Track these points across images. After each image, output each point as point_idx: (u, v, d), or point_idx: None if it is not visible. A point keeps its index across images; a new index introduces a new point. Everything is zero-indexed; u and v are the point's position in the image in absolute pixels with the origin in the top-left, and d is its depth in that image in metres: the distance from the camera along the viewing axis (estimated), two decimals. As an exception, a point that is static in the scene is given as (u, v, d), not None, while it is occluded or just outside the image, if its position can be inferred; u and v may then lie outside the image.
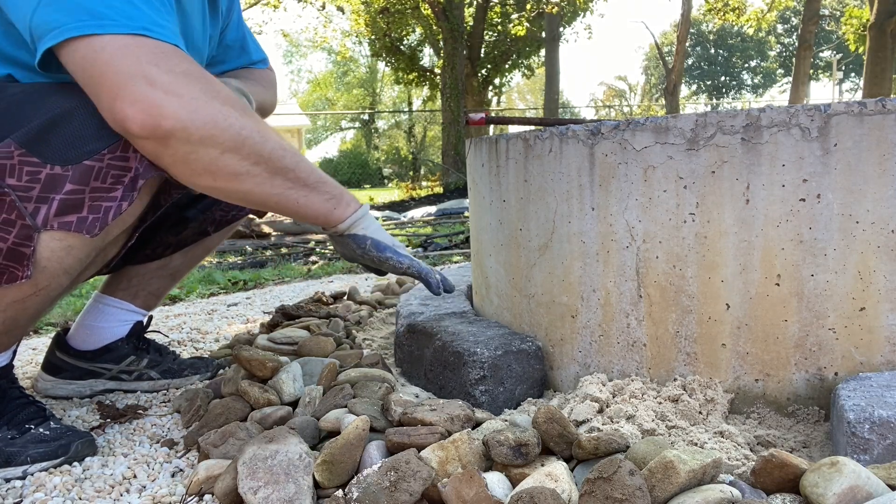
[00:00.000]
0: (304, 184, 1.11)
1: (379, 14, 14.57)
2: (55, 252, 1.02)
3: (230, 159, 1.01)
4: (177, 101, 0.95)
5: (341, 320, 1.86)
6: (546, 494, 0.80)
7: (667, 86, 18.26)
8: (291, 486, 0.92)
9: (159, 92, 0.94)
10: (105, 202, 1.03)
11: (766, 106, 1.09)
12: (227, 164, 1.01)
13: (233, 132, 1.00)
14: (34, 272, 1.02)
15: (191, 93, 0.96)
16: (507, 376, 1.25)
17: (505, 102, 37.84)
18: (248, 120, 1.03)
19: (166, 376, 1.56)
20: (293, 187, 1.09)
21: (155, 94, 0.94)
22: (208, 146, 0.98)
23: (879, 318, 1.08)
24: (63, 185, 0.99)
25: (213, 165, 1.01)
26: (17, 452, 1.11)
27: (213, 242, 1.59)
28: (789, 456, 0.83)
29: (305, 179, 1.11)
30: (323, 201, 1.14)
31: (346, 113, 33.72)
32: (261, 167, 1.04)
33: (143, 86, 0.94)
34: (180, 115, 0.95)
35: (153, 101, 0.94)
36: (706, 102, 40.45)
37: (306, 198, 1.12)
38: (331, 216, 1.17)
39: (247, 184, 1.05)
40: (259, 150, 1.03)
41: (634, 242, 1.17)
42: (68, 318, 2.34)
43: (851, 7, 20.24)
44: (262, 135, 1.03)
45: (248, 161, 1.03)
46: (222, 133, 0.99)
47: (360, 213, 1.20)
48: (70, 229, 1.01)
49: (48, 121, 0.99)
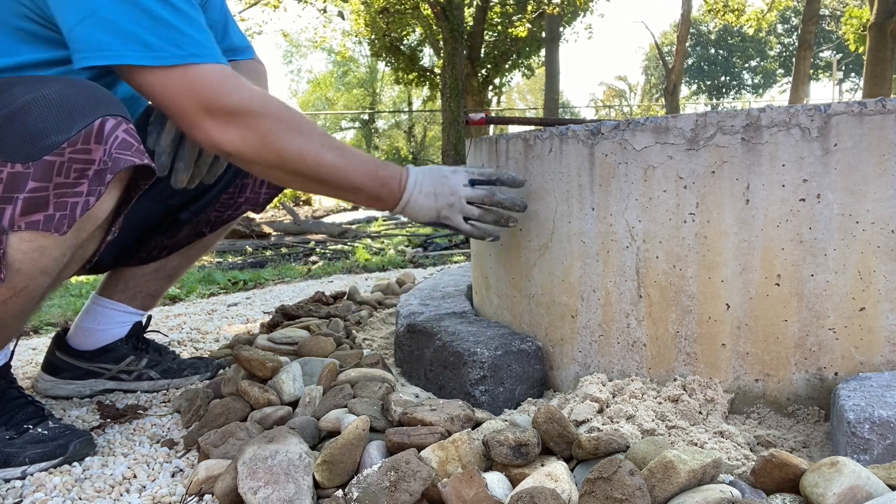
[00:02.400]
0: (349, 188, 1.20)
1: (379, 14, 14.56)
2: (27, 254, 1.00)
3: (306, 186, 1.20)
4: (242, 132, 1.09)
5: (341, 320, 1.86)
6: (546, 494, 0.80)
7: (667, 86, 18.25)
8: (291, 486, 0.92)
9: (222, 124, 1.08)
10: (71, 198, 0.99)
11: (766, 106, 1.09)
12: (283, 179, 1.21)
13: (303, 162, 1.14)
14: (8, 274, 0.99)
15: (257, 124, 1.10)
16: (507, 376, 1.25)
17: (505, 102, 37.83)
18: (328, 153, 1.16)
19: (166, 376, 1.56)
20: (355, 194, 1.21)
21: (217, 128, 1.09)
22: (273, 168, 1.15)
23: (879, 318, 1.08)
24: (25, 182, 0.96)
25: (279, 179, 1.22)
26: (16, 453, 1.11)
27: (210, 242, 1.59)
28: (789, 456, 0.83)
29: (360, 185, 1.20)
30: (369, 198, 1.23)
31: (346, 113, 33.71)
32: (326, 187, 1.19)
33: (208, 121, 1.08)
34: (248, 147, 1.10)
35: (217, 135, 1.09)
36: (706, 102, 40.45)
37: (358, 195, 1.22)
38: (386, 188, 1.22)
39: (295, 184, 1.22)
40: (316, 173, 1.16)
41: (634, 242, 1.17)
42: (68, 318, 2.34)
43: (851, 7, 20.24)
44: (336, 166, 1.16)
45: (314, 184, 1.19)
46: (287, 163, 1.14)
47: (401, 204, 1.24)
48: (38, 228, 0.98)
49: (5, 117, 0.96)
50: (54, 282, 1.14)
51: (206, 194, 1.47)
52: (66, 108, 0.98)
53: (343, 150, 1.18)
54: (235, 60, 1.47)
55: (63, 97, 0.99)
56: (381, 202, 1.23)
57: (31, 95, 0.98)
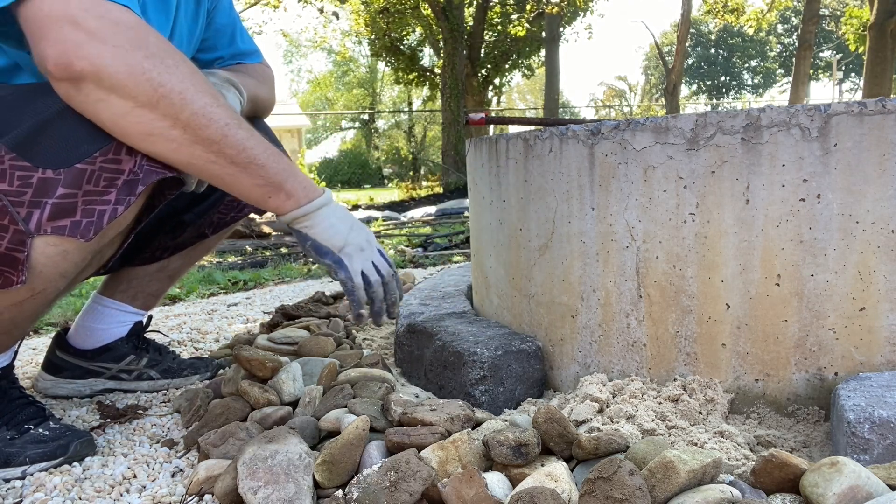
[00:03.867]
0: (231, 161, 1.02)
1: (379, 14, 14.56)
2: (50, 257, 1.01)
3: (143, 116, 0.96)
4: (96, 46, 0.92)
5: (341, 320, 1.86)
6: (546, 494, 0.80)
7: (667, 86, 18.25)
8: (291, 486, 0.92)
9: (81, 34, 0.91)
10: (99, 206, 1.01)
11: (766, 106, 1.09)
12: (140, 121, 0.96)
13: (149, 87, 0.95)
14: (29, 277, 1.01)
15: (115, 40, 0.93)
16: (507, 376, 1.25)
17: (505, 102, 37.84)
18: (173, 77, 0.97)
19: (166, 376, 1.56)
20: (216, 162, 1.02)
21: (76, 36, 0.91)
22: (120, 96, 0.94)
23: (879, 318, 1.08)
24: (55, 189, 0.97)
25: (124, 119, 0.96)
26: (16, 453, 1.11)
27: (212, 243, 1.59)
28: (789, 456, 0.83)
29: (234, 157, 1.02)
30: (253, 186, 1.06)
31: (346, 113, 33.72)
32: (177, 131, 0.98)
33: (67, 27, 0.91)
34: (95, 59, 0.92)
35: (73, 42, 0.91)
36: (706, 102, 40.45)
37: (232, 177, 1.04)
38: (266, 205, 1.09)
39: (160, 146, 0.99)
40: (176, 113, 0.97)
41: (634, 242, 1.17)
42: (68, 317, 2.34)
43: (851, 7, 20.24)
44: (183, 96, 0.97)
45: (162, 122, 0.97)
46: (137, 86, 0.94)
47: (307, 209, 1.10)
48: (64, 234, 0.99)
49: (38, 124, 0.98)
50: (69, 285, 1.15)
51: (209, 196, 1.47)
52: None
53: (244, 124, 1.04)
54: (243, 63, 1.48)
55: None
56: (281, 194, 1.08)
57: (62, 107, 0.98)
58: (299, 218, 1.11)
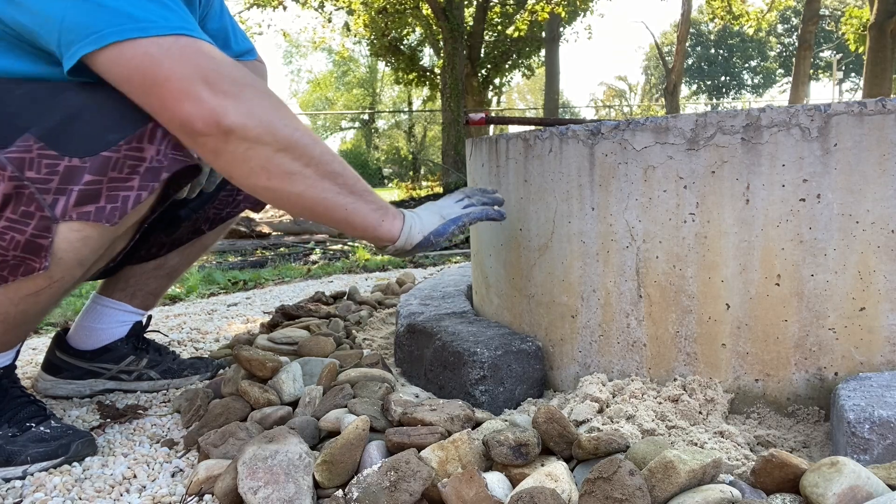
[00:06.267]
0: (351, 190, 1.13)
1: (379, 14, 14.56)
2: (72, 243, 1.05)
3: (283, 158, 1.05)
4: (234, 101, 1.00)
5: (341, 320, 1.86)
6: (546, 494, 0.80)
7: (667, 86, 18.24)
8: (291, 486, 0.92)
9: (220, 95, 0.99)
10: (123, 191, 1.06)
11: (766, 106, 1.09)
12: (281, 163, 1.05)
13: (286, 132, 1.04)
14: (51, 263, 1.05)
15: (247, 95, 1.01)
16: (507, 376, 1.25)
17: (505, 102, 37.82)
18: (298, 122, 1.07)
19: (166, 376, 1.56)
20: (341, 192, 1.11)
21: (217, 98, 0.99)
22: (264, 144, 1.03)
23: (879, 318, 1.08)
24: (81, 176, 1.02)
25: (268, 163, 1.04)
26: (18, 451, 1.11)
27: (209, 241, 1.59)
28: (789, 456, 0.83)
29: (352, 186, 1.13)
30: (370, 210, 1.16)
31: (346, 113, 33.70)
32: (311, 169, 1.07)
33: (207, 90, 0.99)
34: (239, 115, 1.00)
35: (217, 103, 0.99)
36: (706, 102, 40.45)
37: (354, 205, 1.13)
38: (379, 229, 1.18)
39: (298, 185, 1.07)
40: (310, 152, 1.07)
41: (634, 242, 1.17)
42: (68, 318, 2.34)
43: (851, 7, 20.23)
44: (311, 137, 1.08)
45: (299, 161, 1.06)
46: (277, 132, 1.03)
47: (409, 223, 1.21)
48: (89, 219, 1.04)
49: (65, 116, 1.02)
50: (78, 280, 1.17)
51: (204, 191, 1.48)
52: (120, 111, 1.04)
53: (342, 160, 1.15)
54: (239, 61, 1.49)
55: (116, 101, 1.03)
56: (389, 216, 1.19)
57: (89, 98, 1.04)
58: (411, 229, 1.20)
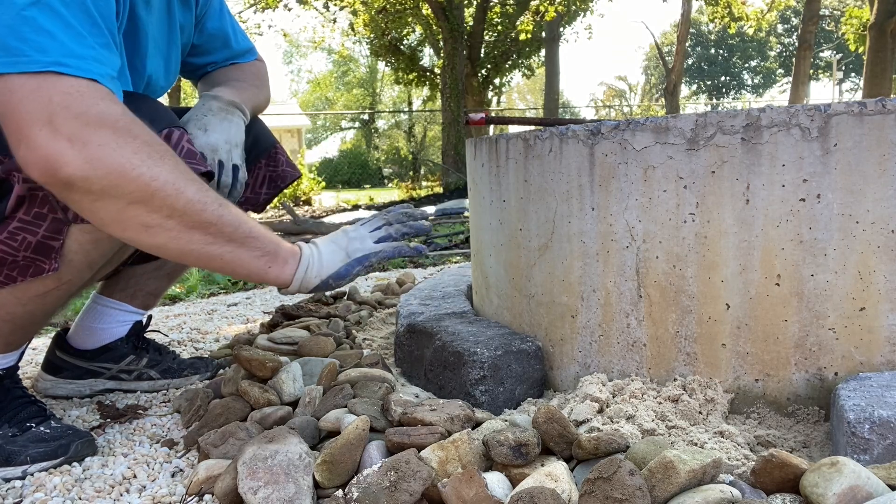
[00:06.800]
0: (230, 238, 1.04)
1: (378, 13, 14.55)
2: (83, 245, 1.05)
3: (137, 211, 0.96)
4: (79, 150, 0.90)
5: (341, 320, 1.86)
6: (546, 494, 0.80)
7: (667, 86, 18.24)
8: (291, 486, 0.92)
9: (62, 140, 0.89)
10: None
11: (766, 106, 1.09)
12: (135, 216, 0.96)
13: (140, 183, 0.94)
14: (61, 265, 1.05)
15: (98, 139, 0.91)
16: (507, 376, 1.25)
17: (505, 102, 37.82)
18: (164, 169, 0.97)
19: (166, 376, 1.56)
20: (215, 242, 1.02)
21: (56, 143, 0.89)
22: (112, 197, 0.93)
23: (879, 318, 1.08)
24: None
25: (120, 216, 0.96)
26: (18, 451, 1.11)
27: None
28: (789, 456, 0.83)
29: (231, 234, 1.04)
30: (253, 258, 1.08)
31: (346, 113, 33.71)
32: (174, 220, 0.98)
33: (46, 133, 0.89)
34: (80, 165, 0.90)
35: (54, 150, 0.89)
36: (706, 102, 40.45)
37: (232, 254, 1.05)
38: (267, 275, 1.10)
39: (159, 237, 0.99)
40: (172, 203, 0.97)
41: (634, 242, 1.17)
42: (68, 318, 2.34)
43: (851, 7, 20.23)
44: (176, 186, 0.97)
45: (158, 214, 0.97)
46: (128, 184, 0.93)
47: (304, 265, 1.14)
48: None
49: None
50: (86, 283, 1.18)
51: None
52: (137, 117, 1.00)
53: (231, 204, 1.06)
54: (237, 63, 1.50)
55: (133, 108, 1.00)
56: (279, 261, 1.11)
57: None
58: (307, 273, 1.14)
